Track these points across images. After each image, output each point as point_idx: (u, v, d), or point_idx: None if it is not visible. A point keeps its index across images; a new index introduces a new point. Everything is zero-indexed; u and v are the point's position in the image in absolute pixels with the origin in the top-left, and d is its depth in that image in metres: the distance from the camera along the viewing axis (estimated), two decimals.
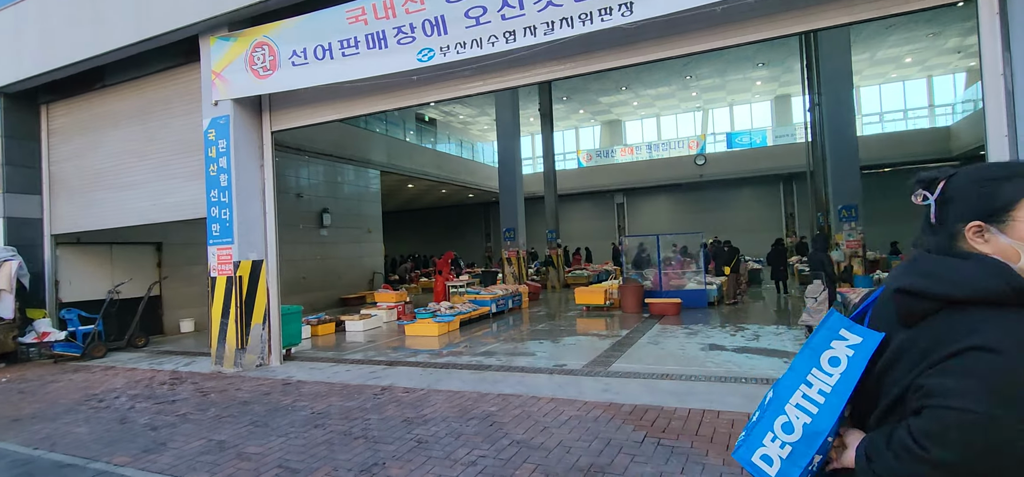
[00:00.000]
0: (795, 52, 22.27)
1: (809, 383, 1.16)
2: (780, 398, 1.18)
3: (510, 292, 12.93)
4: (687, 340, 8.23)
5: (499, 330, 10.42)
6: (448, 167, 24.00)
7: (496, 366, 6.92)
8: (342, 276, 16.92)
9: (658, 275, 12.71)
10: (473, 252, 32.06)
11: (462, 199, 30.72)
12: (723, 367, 6.37)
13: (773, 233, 27.13)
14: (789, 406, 1.15)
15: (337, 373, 6.94)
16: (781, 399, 1.17)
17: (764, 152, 26.97)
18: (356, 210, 17.95)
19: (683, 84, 25.80)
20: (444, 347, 8.78)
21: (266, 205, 7.70)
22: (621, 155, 30.19)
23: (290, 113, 7.60)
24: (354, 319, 10.77)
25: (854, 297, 8.41)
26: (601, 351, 7.65)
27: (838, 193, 13.17)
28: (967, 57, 24.25)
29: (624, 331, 9.40)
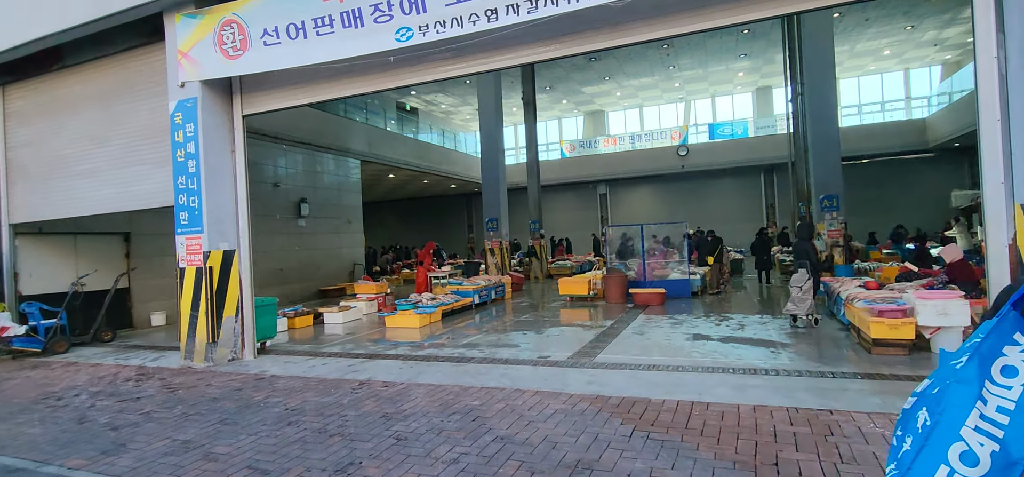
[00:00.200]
0: (776, 43, 22.36)
1: (984, 399, 0.93)
2: (950, 421, 0.95)
3: (493, 283, 12.74)
4: (672, 330, 8.13)
5: (482, 321, 10.22)
6: (430, 157, 23.65)
7: (479, 358, 6.72)
8: (321, 267, 16.54)
9: (642, 265, 12.62)
10: (455, 243, 31.80)
11: (444, 189, 30.40)
12: (710, 357, 6.26)
13: (754, 223, 27.37)
14: (966, 430, 0.92)
15: (313, 367, 6.68)
16: (952, 422, 0.95)
17: (745, 143, 27.13)
18: (336, 200, 17.54)
19: (666, 74, 25.76)
20: (426, 339, 8.56)
21: (238, 193, 7.36)
22: (604, 146, 30.13)
23: (262, 96, 7.26)
24: (333, 311, 10.47)
25: (837, 286, 8.39)
26: (586, 342, 7.50)
27: (820, 183, 13.21)
28: (943, 50, 24.62)
29: (608, 322, 9.27)
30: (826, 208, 13.08)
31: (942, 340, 5.76)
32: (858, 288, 7.62)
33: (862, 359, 5.81)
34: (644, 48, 21.77)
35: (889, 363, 5.55)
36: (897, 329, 5.72)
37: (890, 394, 4.51)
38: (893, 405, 4.25)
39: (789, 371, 5.41)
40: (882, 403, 4.29)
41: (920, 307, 5.71)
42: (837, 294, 7.96)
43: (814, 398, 4.50)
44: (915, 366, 5.41)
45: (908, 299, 6.08)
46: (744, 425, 4.00)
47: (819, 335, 7.24)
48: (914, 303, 5.79)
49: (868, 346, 6.01)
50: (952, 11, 20.08)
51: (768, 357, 6.14)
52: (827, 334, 7.27)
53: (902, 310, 5.76)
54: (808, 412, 4.18)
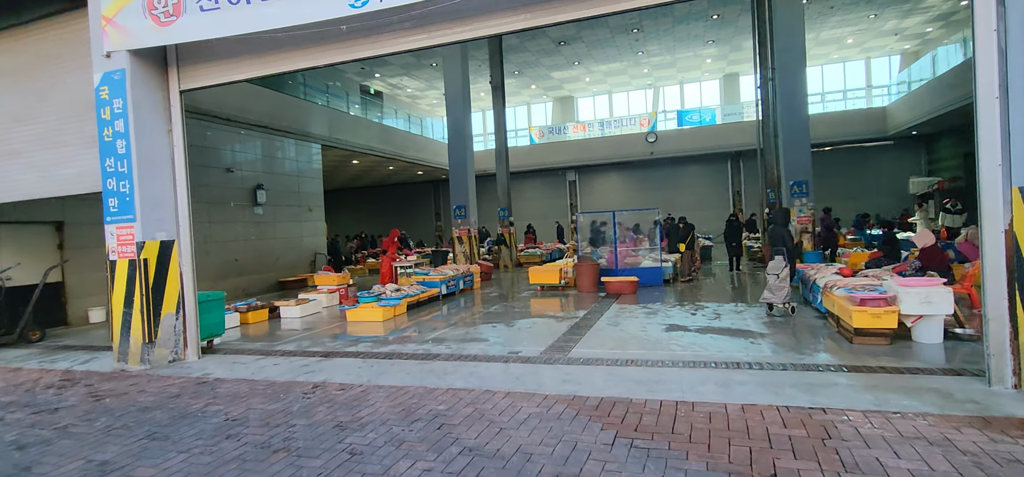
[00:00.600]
0: (744, 30, 22.37)
1: None
2: None
3: (461, 272, 12.26)
4: (647, 321, 7.84)
5: (449, 313, 9.75)
6: (395, 142, 22.87)
7: (445, 355, 6.26)
8: (280, 258, 15.73)
9: (614, 253, 12.34)
10: (423, 231, 31.10)
11: (411, 176, 29.63)
12: (689, 350, 5.97)
13: (721, 210, 27.60)
14: None
15: (263, 368, 6.10)
16: None
17: (713, 130, 27.24)
18: (295, 187, 16.70)
19: (635, 60, 25.55)
20: (389, 333, 8.05)
21: (176, 177, 6.66)
22: (573, 132, 29.82)
23: (202, 69, 6.56)
24: (289, 305, 9.82)
25: (813, 273, 8.25)
26: (559, 335, 7.13)
27: (790, 169, 13.16)
28: (903, 40, 25.12)
29: (581, 312, 8.94)
30: (796, 194, 13.05)
31: (923, 329, 5.60)
32: (834, 275, 7.47)
33: (845, 350, 5.60)
34: (613, 32, 21.47)
35: (873, 353, 5.35)
36: (880, 318, 5.53)
37: (882, 389, 4.27)
38: (887, 401, 4.00)
39: (773, 364, 5.14)
40: (876, 401, 4.04)
41: (903, 295, 5.53)
42: (813, 281, 7.81)
43: (804, 395, 4.22)
44: (899, 356, 5.22)
45: (888, 287, 5.90)
46: (735, 428, 3.67)
47: (797, 324, 7.06)
48: (896, 291, 5.61)
49: (849, 335, 5.82)
50: (912, 0, 20.39)
51: (749, 349, 5.88)
52: (805, 323, 7.09)
53: (884, 298, 5.57)
54: (800, 412, 3.89)
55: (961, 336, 5.64)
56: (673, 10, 19.42)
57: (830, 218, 15.15)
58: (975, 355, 5.13)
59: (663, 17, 19.96)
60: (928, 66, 22.76)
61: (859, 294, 5.82)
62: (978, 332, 5.68)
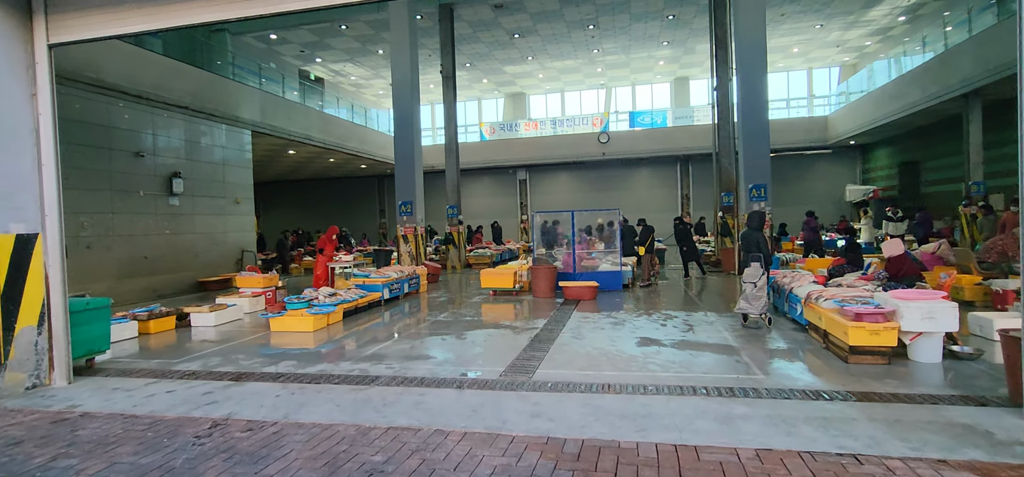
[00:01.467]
0: (698, 32, 22.31)
1: None
2: None
3: (405, 275, 11.16)
4: (615, 333, 7.08)
5: (392, 321, 8.67)
6: (336, 132, 21.31)
7: (386, 378, 5.23)
8: (200, 255, 14.02)
9: (572, 256, 11.60)
10: (366, 229, 29.48)
11: (354, 170, 27.97)
12: (670, 370, 5.22)
13: (671, 213, 27.62)
14: None
15: (152, 397, 4.86)
16: None
17: (664, 133, 27.21)
18: (220, 176, 14.99)
19: (589, 58, 25.11)
20: (321, 346, 6.91)
21: (42, 155, 5.26)
22: (525, 129, 29.09)
23: (78, 19, 5.20)
24: (202, 311, 8.43)
25: (788, 281, 7.76)
26: (519, 350, 6.23)
27: (749, 172, 12.87)
28: (844, 52, 25.93)
29: (540, 321, 8.09)
30: (755, 197, 12.76)
31: (922, 347, 5.09)
32: (813, 284, 6.98)
33: (840, 370, 5.01)
34: (569, 27, 20.86)
35: (874, 375, 4.78)
36: (878, 335, 4.98)
37: (906, 426, 3.63)
38: (923, 444, 3.33)
39: (772, 391, 4.45)
40: (910, 444, 3.36)
41: (903, 310, 4.99)
42: (789, 290, 7.29)
43: (824, 435, 3.51)
44: (903, 379, 4.67)
45: (883, 300, 5.38)
46: None
47: (778, 338, 6.48)
48: (896, 306, 5.07)
49: (843, 353, 5.25)
50: (856, 13, 20.91)
51: (737, 368, 5.20)
52: (786, 337, 6.52)
53: (883, 313, 5.02)
54: (829, 461, 3.16)
55: (959, 354, 5.17)
56: (631, 6, 19.00)
57: (815, 221, 15.09)
58: (984, 377, 4.64)
59: (620, 13, 19.51)
60: (865, 79, 23.57)
61: (853, 308, 5.26)
62: (976, 350, 5.25)
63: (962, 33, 15.80)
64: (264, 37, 20.51)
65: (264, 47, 21.42)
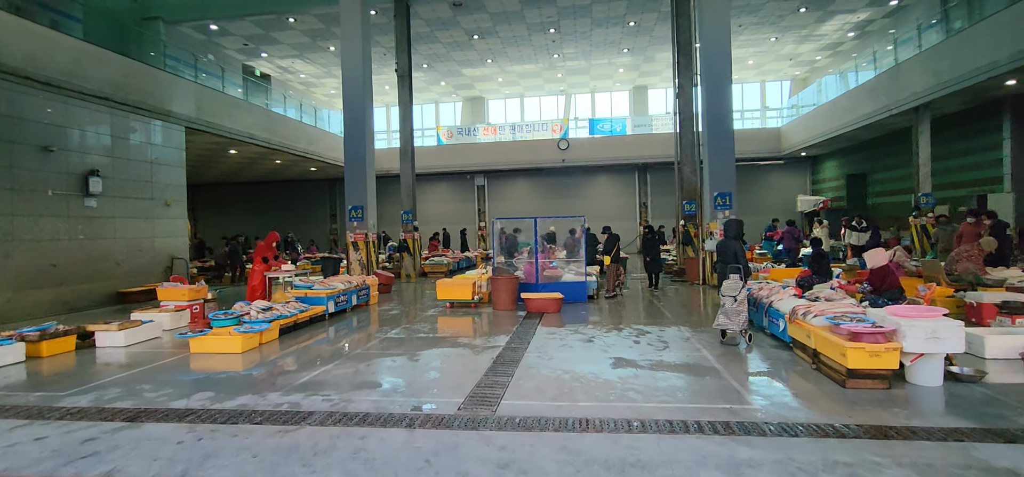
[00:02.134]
0: (658, 41, 22.24)
1: None
2: None
3: (354, 285, 10.20)
4: (585, 352, 6.42)
5: (336, 338, 7.74)
6: (283, 132, 19.98)
7: (321, 414, 4.37)
8: (121, 263, 12.57)
9: (535, 266, 10.94)
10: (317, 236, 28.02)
11: (303, 173, 26.51)
12: (653, 398, 4.59)
13: (629, 221, 27.55)
14: None
15: (12, 448, 3.82)
16: None
17: (624, 140, 27.09)
18: (148, 176, 13.57)
19: (549, 63, 24.70)
20: (251, 369, 5.96)
21: None
22: (483, 134, 28.38)
23: None
24: (110, 329, 7.25)
25: (766, 295, 7.32)
26: (480, 375, 5.48)
27: (714, 180, 12.59)
28: (796, 66, 26.54)
29: (502, 338, 7.35)
30: (720, 206, 12.49)
31: (924, 369, 4.66)
32: (793, 297, 6.55)
33: (839, 397, 4.50)
34: (530, 30, 20.35)
35: (878, 402, 4.29)
36: (879, 357, 4.51)
37: (939, 471, 3.09)
38: None
39: (773, 425, 3.87)
40: None
41: (905, 329, 4.54)
42: (769, 304, 6.84)
43: None
44: (911, 407, 4.19)
45: (878, 317, 4.94)
46: None
47: (761, 357, 5.99)
48: (897, 324, 4.62)
49: (839, 376, 4.76)
50: (809, 27, 21.33)
51: (726, 395, 4.62)
52: (769, 355, 6.04)
53: (883, 333, 4.56)
54: None
55: (960, 376, 4.77)
56: (592, 11, 18.66)
57: (798, 230, 14.98)
58: (996, 403, 4.22)
59: (582, 17, 19.13)
60: (815, 93, 24.15)
61: (848, 326, 4.78)
62: (977, 371, 4.87)
63: (912, 49, 16.17)
64: (203, 27, 19.02)
65: (203, 38, 19.90)
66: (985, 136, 15.39)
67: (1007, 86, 13.25)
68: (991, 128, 15.11)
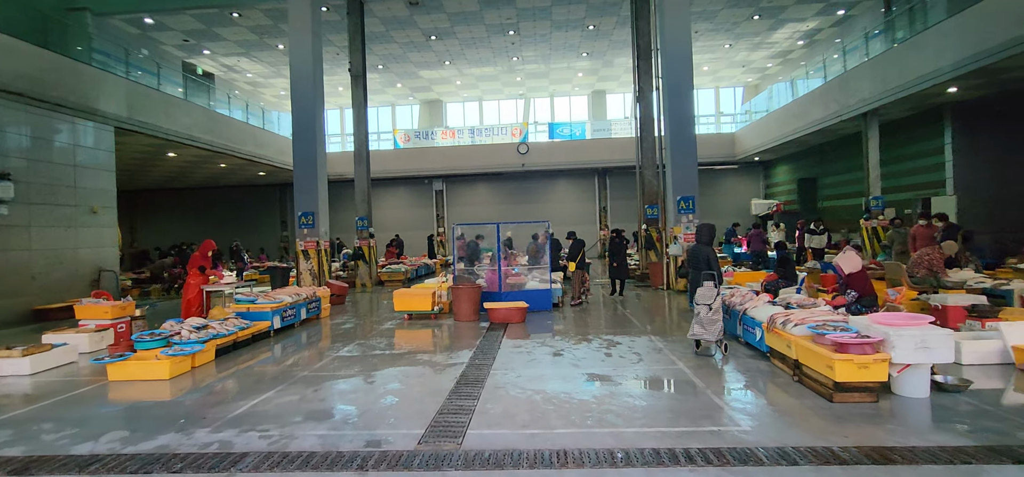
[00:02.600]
0: (617, 46, 22.24)
1: None
2: None
3: (303, 297, 9.45)
4: (555, 368, 6.00)
5: (282, 359, 7.03)
6: (227, 134, 18.79)
7: (256, 456, 3.74)
8: (38, 277, 11.34)
9: (498, 273, 10.47)
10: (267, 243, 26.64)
11: (251, 177, 25.17)
12: (634, 421, 4.19)
13: (590, 225, 27.47)
14: None
15: None
16: None
17: (583, 145, 27.03)
18: (71, 180, 12.35)
19: (508, 66, 24.36)
20: (181, 396, 5.24)
21: None
22: (442, 138, 27.75)
23: None
24: (12, 355, 6.31)
25: (738, 301, 7.10)
26: (442, 398, 4.96)
27: (677, 184, 12.47)
28: (749, 73, 27.16)
29: (465, 353, 6.84)
30: (683, 210, 12.38)
31: (911, 380, 4.44)
32: (769, 305, 6.33)
33: (828, 413, 4.22)
34: (489, 32, 19.94)
35: (870, 418, 4.04)
36: (867, 369, 4.26)
37: None
38: None
39: (769, 451, 3.52)
40: None
41: (894, 339, 4.31)
42: (742, 312, 6.60)
43: None
44: (906, 423, 3.95)
45: (861, 325, 4.71)
46: None
47: (739, 369, 5.71)
48: (885, 334, 4.39)
49: (825, 390, 4.49)
50: (762, 35, 21.79)
51: (711, 414, 4.28)
52: (746, 366, 5.76)
53: (871, 343, 4.32)
54: None
55: (945, 386, 4.60)
56: (551, 13, 18.41)
57: (764, 232, 15.00)
58: (987, 416, 4.03)
59: (542, 19, 18.86)
60: (766, 99, 24.76)
61: (832, 336, 4.53)
62: (962, 381, 4.71)
63: (860, 56, 16.66)
64: (137, 21, 17.68)
65: (138, 33, 18.52)
66: (929, 141, 15.95)
67: (949, 93, 13.72)
68: (934, 134, 15.68)
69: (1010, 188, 14.34)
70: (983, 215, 14.35)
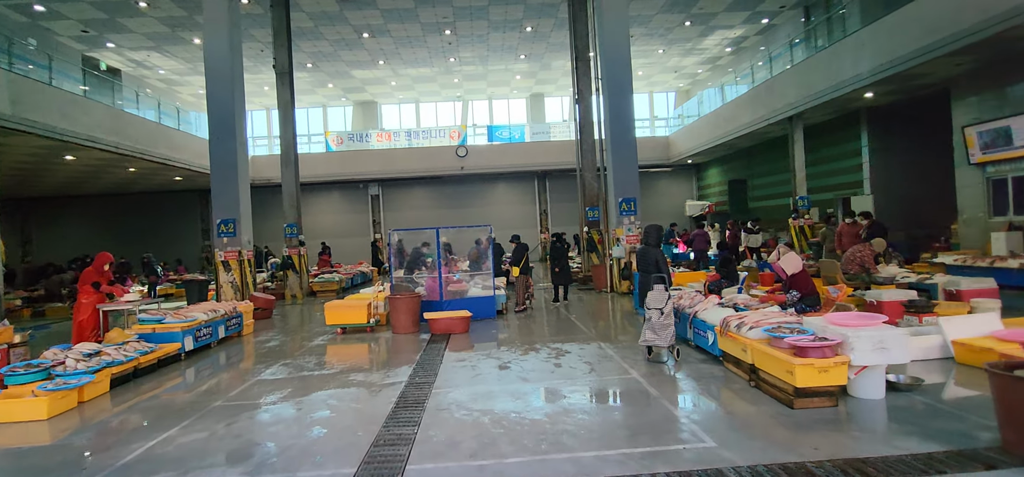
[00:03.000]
0: (555, 48, 22.19)
1: None
2: None
3: (222, 313, 8.52)
4: (504, 383, 5.57)
5: (194, 384, 6.19)
6: (135, 135, 17.06)
7: None
8: None
9: (438, 281, 9.92)
10: (188, 254, 24.60)
11: (166, 182, 23.13)
12: (591, 442, 3.83)
13: (530, 229, 27.30)
14: None
15: None
16: None
17: (523, 148, 26.84)
18: None
19: (445, 67, 23.78)
20: (64, 438, 4.39)
21: None
22: (377, 140, 26.74)
23: None
24: None
25: (686, 303, 6.95)
26: (379, 423, 4.40)
27: (619, 186, 12.41)
28: (680, 78, 27.96)
29: (404, 369, 6.28)
30: (625, 211, 12.32)
31: (867, 382, 4.35)
32: (720, 306, 6.19)
33: (790, 421, 4.04)
34: (424, 31, 19.31)
35: (833, 425, 3.88)
36: (828, 373, 4.12)
37: None
38: None
39: (741, 469, 3.25)
40: None
41: (853, 341, 4.20)
42: (692, 315, 6.44)
43: None
44: (869, 430, 3.81)
45: (818, 327, 4.60)
46: None
47: (693, 375, 5.50)
48: (844, 335, 4.27)
49: (785, 397, 4.32)
50: (693, 41, 22.42)
51: (673, 428, 3.99)
52: (701, 372, 5.56)
53: (830, 346, 4.19)
54: None
55: (898, 385, 4.55)
56: (489, 13, 18.05)
57: (706, 232, 15.15)
58: (942, 416, 3.97)
59: (479, 19, 18.45)
60: (696, 105, 25.59)
61: (790, 339, 4.38)
62: (913, 379, 4.68)
63: (786, 63, 17.39)
64: (25, 7, 15.73)
65: (26, 21, 16.50)
66: (848, 143, 16.85)
67: (866, 98, 14.50)
68: (853, 137, 16.57)
69: (920, 187, 15.35)
70: (897, 213, 15.27)
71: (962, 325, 5.42)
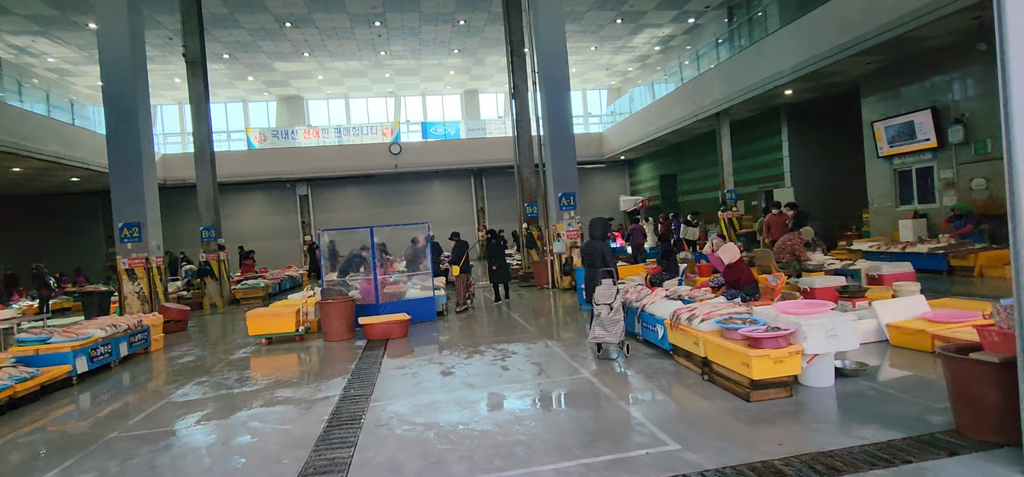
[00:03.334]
0: (488, 43, 21.86)
1: None
2: None
3: (123, 328, 7.54)
4: (445, 389, 5.17)
5: (86, 413, 5.35)
6: (20, 131, 15.12)
7: None
8: None
9: (374, 283, 9.33)
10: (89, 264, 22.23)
11: (60, 184, 20.76)
12: (547, 453, 3.52)
13: (468, 227, 26.88)
14: None
15: None
16: None
17: (458, 145, 26.36)
18: None
19: (376, 62, 22.87)
20: None
21: None
22: (305, 138, 25.36)
23: None
24: None
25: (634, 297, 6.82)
26: (308, 449, 3.89)
27: (558, 181, 12.27)
28: (612, 75, 28.43)
29: (338, 381, 5.74)
30: (565, 206, 12.20)
31: (818, 370, 4.32)
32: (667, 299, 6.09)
33: (748, 415, 3.92)
34: (352, 22, 18.41)
35: (791, 415, 3.79)
36: (782, 363, 4.04)
37: None
38: None
39: (709, 473, 3.05)
40: None
41: (806, 329, 4.15)
42: (640, 309, 6.30)
43: None
44: (827, 421, 3.75)
45: (769, 317, 4.54)
46: None
47: (644, 371, 5.33)
48: (797, 324, 4.21)
49: (740, 390, 4.22)
50: (623, 39, 22.78)
51: (631, 431, 3.76)
52: (652, 367, 5.41)
53: (784, 336, 4.11)
54: None
55: (844, 371, 4.57)
56: (420, 5, 17.43)
57: (645, 226, 15.26)
58: (891, 401, 3.98)
59: (410, 10, 17.79)
60: (627, 102, 26.15)
61: (742, 330, 4.28)
62: (859, 365, 4.72)
63: (713, 60, 17.98)
64: None
65: None
66: (769, 138, 17.65)
67: (786, 95, 15.21)
68: (774, 132, 17.37)
69: (834, 179, 16.32)
70: (815, 203, 16.15)
71: (894, 308, 5.60)
